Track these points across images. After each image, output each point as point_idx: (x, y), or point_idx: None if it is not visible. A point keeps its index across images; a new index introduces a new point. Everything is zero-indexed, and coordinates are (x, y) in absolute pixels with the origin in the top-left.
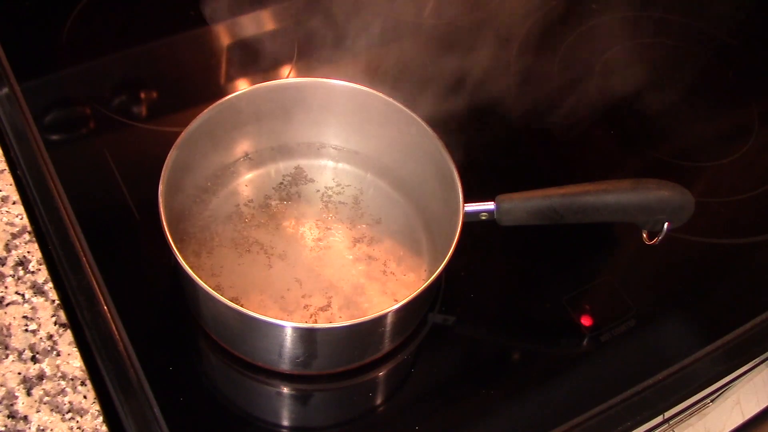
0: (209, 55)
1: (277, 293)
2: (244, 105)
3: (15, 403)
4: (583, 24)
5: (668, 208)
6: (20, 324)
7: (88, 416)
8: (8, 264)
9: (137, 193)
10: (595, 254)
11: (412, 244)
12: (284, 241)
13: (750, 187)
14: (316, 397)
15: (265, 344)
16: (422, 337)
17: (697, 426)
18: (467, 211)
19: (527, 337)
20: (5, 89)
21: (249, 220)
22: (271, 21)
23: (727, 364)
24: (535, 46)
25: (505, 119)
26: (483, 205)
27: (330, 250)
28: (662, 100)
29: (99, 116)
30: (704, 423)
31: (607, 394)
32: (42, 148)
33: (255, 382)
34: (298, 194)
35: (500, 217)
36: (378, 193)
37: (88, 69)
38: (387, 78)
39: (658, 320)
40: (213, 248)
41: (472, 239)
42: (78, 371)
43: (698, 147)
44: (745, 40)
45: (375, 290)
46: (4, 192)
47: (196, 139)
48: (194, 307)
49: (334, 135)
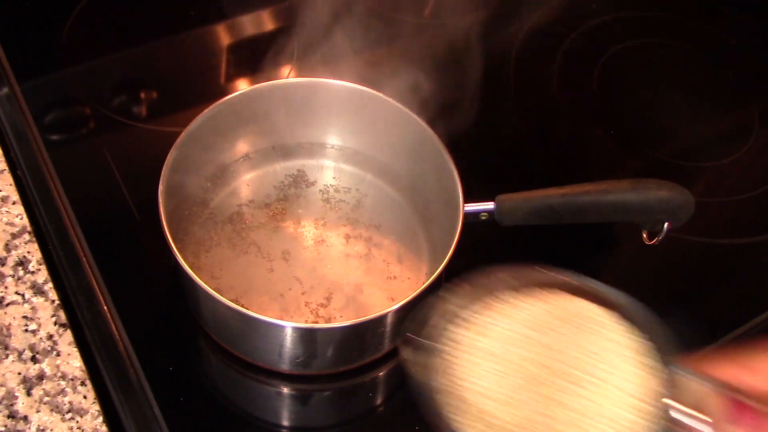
0: (209, 55)
1: (277, 293)
2: (244, 105)
3: (15, 403)
4: (583, 24)
5: (668, 208)
6: (20, 324)
7: (88, 416)
8: (8, 264)
9: (137, 193)
10: (595, 254)
11: (412, 244)
12: (284, 241)
13: (750, 187)
14: (316, 397)
15: (265, 344)
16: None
17: None
18: (467, 211)
19: None
20: (5, 89)
21: (249, 220)
22: (271, 21)
23: None
24: (535, 46)
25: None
26: (483, 205)
27: (330, 250)
28: (662, 100)
29: (99, 116)
30: None
31: None
32: (42, 148)
33: (255, 382)
34: (298, 194)
35: (500, 217)
36: (378, 193)
37: (88, 69)
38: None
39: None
40: (213, 248)
41: (472, 239)
42: (78, 371)
43: (698, 147)
44: (745, 40)
45: (375, 290)
46: (4, 192)
47: (196, 139)
48: (194, 307)
49: (334, 135)
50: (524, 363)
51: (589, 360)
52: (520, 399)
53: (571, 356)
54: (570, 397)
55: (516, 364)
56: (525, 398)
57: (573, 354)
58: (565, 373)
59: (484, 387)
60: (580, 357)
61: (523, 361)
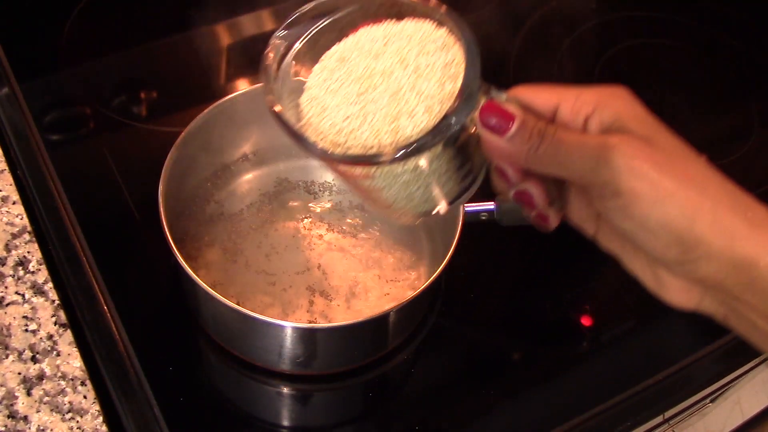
0: (209, 55)
1: (276, 293)
2: (244, 105)
3: (15, 403)
4: (583, 24)
5: None
6: (20, 324)
7: (88, 416)
8: (8, 264)
9: (137, 193)
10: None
11: (412, 244)
12: (284, 241)
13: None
14: (316, 397)
15: (265, 344)
16: (422, 337)
17: (697, 426)
18: (467, 211)
19: (527, 337)
20: (5, 89)
21: (249, 220)
22: (271, 21)
23: (727, 364)
24: (534, 46)
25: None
26: (483, 205)
27: (330, 249)
28: (662, 100)
29: (99, 116)
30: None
31: (607, 394)
32: (42, 148)
33: (255, 382)
34: (299, 194)
35: (500, 217)
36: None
37: (88, 69)
38: None
39: (658, 320)
40: (213, 248)
41: (472, 239)
42: (78, 371)
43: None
44: (745, 40)
45: (375, 290)
46: (4, 192)
47: (196, 139)
48: (194, 307)
49: None
50: (354, 68)
51: (409, 53)
52: (346, 89)
53: (394, 59)
54: (390, 81)
55: (347, 72)
56: (350, 89)
57: (396, 57)
58: (388, 68)
59: (321, 93)
60: (403, 54)
61: (354, 68)
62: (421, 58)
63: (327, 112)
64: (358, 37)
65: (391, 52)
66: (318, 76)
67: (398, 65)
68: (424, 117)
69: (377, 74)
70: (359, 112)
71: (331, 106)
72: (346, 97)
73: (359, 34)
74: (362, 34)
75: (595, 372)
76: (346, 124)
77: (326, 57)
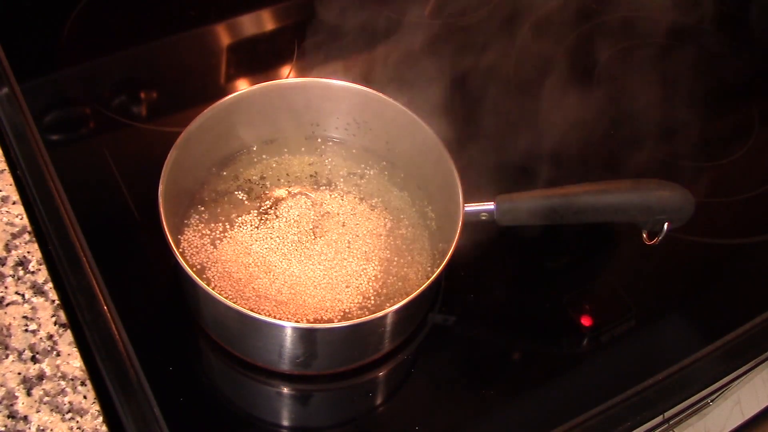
0: (209, 55)
1: (276, 293)
2: (244, 105)
3: (15, 403)
4: (583, 24)
5: (668, 208)
6: (20, 324)
7: (88, 416)
8: (8, 264)
9: (137, 193)
10: (595, 254)
11: (412, 244)
12: (284, 241)
13: (750, 187)
14: (316, 397)
15: (265, 344)
16: (422, 337)
17: (697, 426)
18: (467, 211)
19: (527, 337)
20: (5, 89)
21: (249, 219)
22: (271, 21)
23: (727, 364)
24: (534, 47)
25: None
26: (483, 205)
27: (330, 249)
28: (662, 100)
29: (99, 116)
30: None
31: (607, 394)
32: (42, 148)
33: (255, 382)
34: (298, 194)
35: (500, 217)
36: (378, 193)
37: (88, 69)
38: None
39: (658, 320)
40: (213, 248)
41: (472, 239)
42: (78, 371)
43: (698, 147)
44: (745, 40)
45: (375, 290)
46: (4, 192)
47: (196, 139)
48: (194, 307)
49: (334, 135)
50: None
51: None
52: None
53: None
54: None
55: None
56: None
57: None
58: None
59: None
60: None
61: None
62: None
63: None
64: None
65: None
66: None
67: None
68: None
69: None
70: None
71: None
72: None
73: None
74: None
75: (594, 372)
76: None
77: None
